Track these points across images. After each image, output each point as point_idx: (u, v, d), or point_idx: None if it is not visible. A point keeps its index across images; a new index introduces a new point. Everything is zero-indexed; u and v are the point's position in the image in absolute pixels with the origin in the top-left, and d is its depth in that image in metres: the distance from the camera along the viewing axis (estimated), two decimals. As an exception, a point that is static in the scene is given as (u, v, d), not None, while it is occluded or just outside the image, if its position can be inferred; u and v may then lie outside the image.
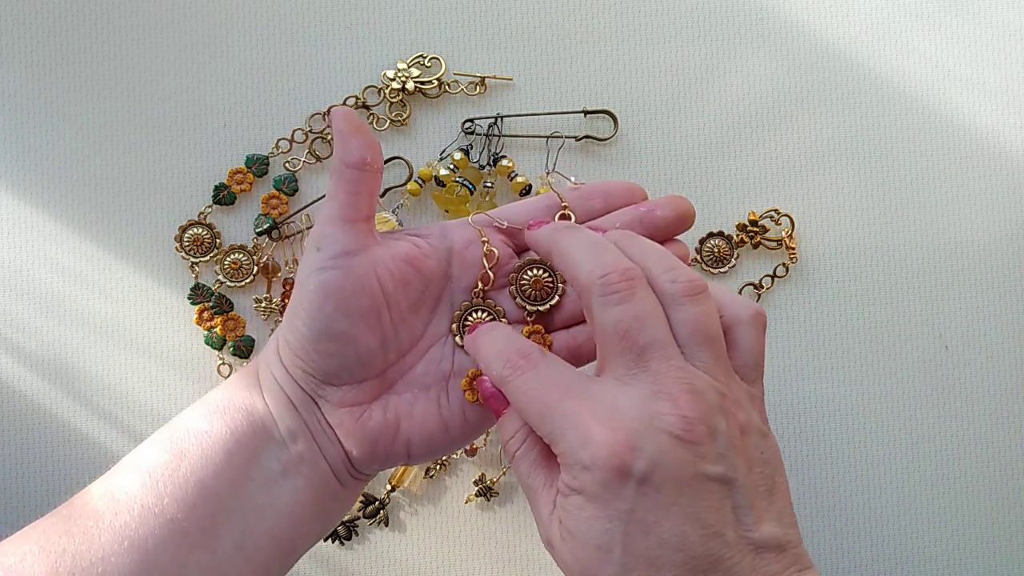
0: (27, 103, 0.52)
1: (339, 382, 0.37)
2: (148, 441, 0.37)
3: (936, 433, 0.52)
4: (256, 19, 0.52)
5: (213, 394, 0.38)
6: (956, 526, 0.52)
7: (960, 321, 0.52)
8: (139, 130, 0.52)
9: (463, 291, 0.39)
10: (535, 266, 0.39)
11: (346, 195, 0.36)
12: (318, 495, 0.37)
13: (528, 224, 0.37)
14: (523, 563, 0.51)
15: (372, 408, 0.37)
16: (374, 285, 0.36)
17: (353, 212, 0.36)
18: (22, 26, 0.52)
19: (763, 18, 0.53)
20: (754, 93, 0.53)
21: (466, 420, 0.38)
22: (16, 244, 0.51)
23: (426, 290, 0.38)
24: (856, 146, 0.52)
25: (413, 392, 0.38)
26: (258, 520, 0.36)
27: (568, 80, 0.52)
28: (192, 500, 0.35)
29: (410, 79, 0.51)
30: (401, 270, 0.37)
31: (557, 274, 0.39)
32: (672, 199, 0.40)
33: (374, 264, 0.36)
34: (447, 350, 0.39)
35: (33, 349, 0.51)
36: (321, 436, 0.37)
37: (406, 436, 0.37)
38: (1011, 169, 0.52)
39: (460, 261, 0.39)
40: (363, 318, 0.36)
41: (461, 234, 0.39)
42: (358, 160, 0.36)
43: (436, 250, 0.39)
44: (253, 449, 0.36)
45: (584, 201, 0.40)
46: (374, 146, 0.37)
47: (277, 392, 0.37)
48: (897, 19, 0.53)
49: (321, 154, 0.52)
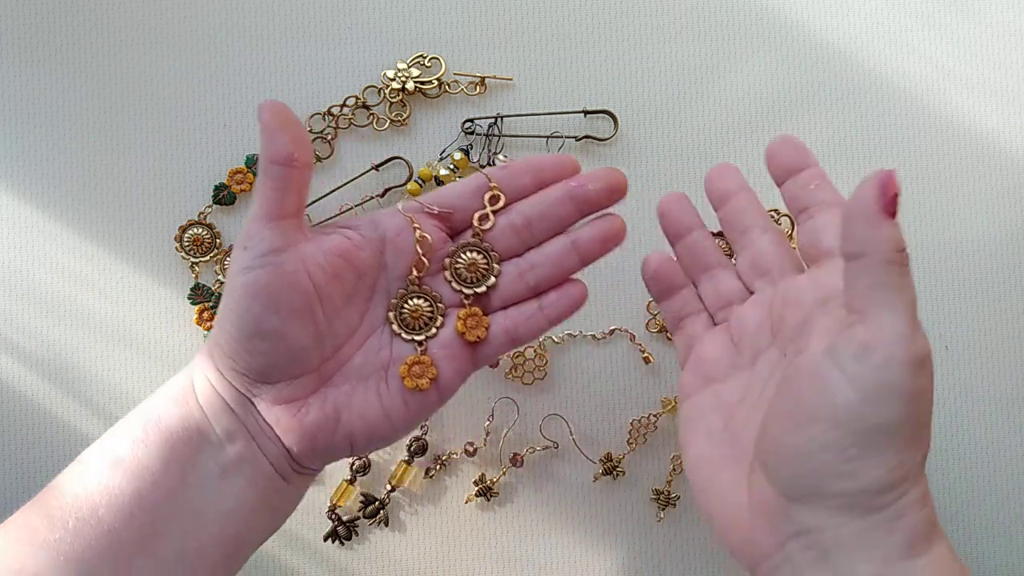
0: (27, 103, 0.52)
1: (273, 380, 0.36)
2: (84, 454, 0.37)
3: (936, 433, 0.52)
4: (256, 19, 0.52)
5: (146, 403, 0.37)
6: (956, 526, 0.52)
7: (960, 321, 0.52)
8: (139, 130, 0.52)
9: (398, 279, 0.39)
10: (469, 249, 0.39)
11: (272, 192, 0.36)
12: (262, 493, 0.37)
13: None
14: (523, 563, 0.51)
15: (309, 403, 0.37)
16: (304, 281, 0.36)
17: (280, 209, 0.36)
18: (22, 26, 0.52)
19: (763, 18, 0.53)
20: (754, 93, 0.53)
21: (407, 407, 0.38)
22: (16, 244, 0.51)
23: (360, 281, 0.38)
24: (856, 146, 0.52)
25: (351, 383, 0.38)
26: (200, 523, 0.35)
27: (568, 80, 0.52)
28: (129, 509, 0.34)
29: (410, 79, 0.51)
30: (333, 264, 0.37)
31: (492, 256, 0.39)
32: (603, 172, 0.40)
33: (303, 260, 0.36)
34: (384, 339, 0.39)
35: (33, 349, 0.51)
36: (259, 435, 0.37)
37: (347, 428, 0.37)
38: (1011, 169, 0.52)
39: (393, 249, 0.39)
40: (294, 315, 0.36)
41: (392, 222, 0.39)
42: (284, 156, 0.35)
43: (368, 240, 0.38)
44: (189, 454, 0.36)
45: (514, 179, 0.40)
46: (302, 140, 0.36)
47: (211, 395, 0.36)
48: (897, 19, 0.53)
49: (321, 154, 0.52)
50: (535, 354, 0.51)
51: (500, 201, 0.39)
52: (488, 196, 0.39)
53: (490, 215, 0.39)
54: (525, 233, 0.40)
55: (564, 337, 0.51)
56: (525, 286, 0.40)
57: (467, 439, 0.51)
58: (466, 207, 0.40)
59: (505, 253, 0.40)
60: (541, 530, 0.51)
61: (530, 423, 0.51)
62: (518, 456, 0.51)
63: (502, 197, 0.40)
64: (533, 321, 0.40)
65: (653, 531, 0.51)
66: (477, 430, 0.51)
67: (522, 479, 0.52)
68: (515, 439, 0.51)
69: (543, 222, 0.40)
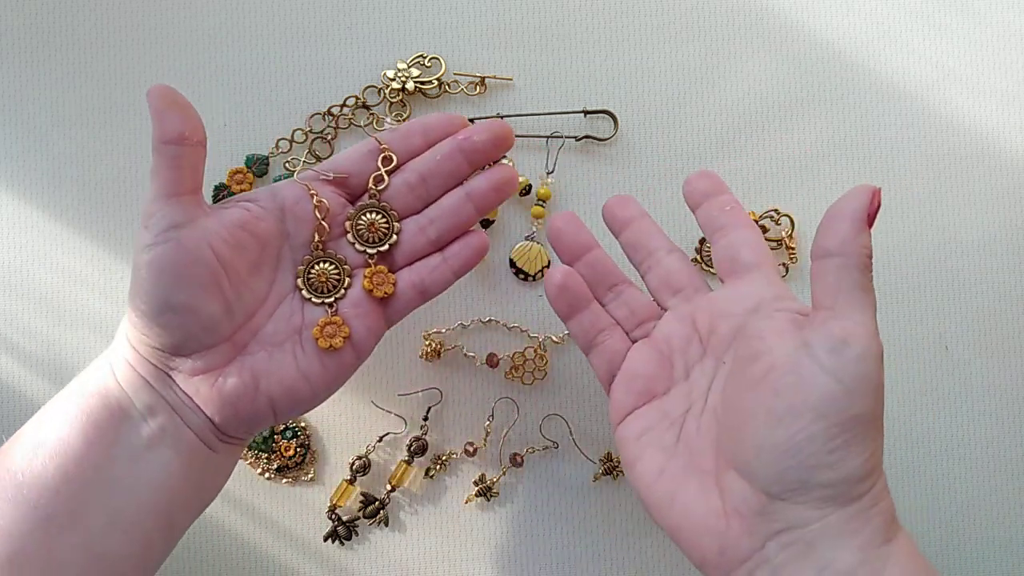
0: (27, 103, 0.52)
1: (187, 352, 0.37)
2: (4, 445, 0.37)
3: (936, 433, 0.52)
4: (256, 19, 0.52)
5: (66, 389, 0.38)
6: (956, 526, 0.52)
7: (960, 321, 0.52)
8: (139, 130, 0.52)
9: (302, 246, 0.40)
10: (368, 211, 0.41)
11: (168, 171, 0.36)
12: (189, 463, 0.37)
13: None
14: (523, 563, 0.51)
15: (227, 372, 0.38)
16: (207, 255, 0.37)
17: (177, 187, 0.37)
18: (22, 26, 0.52)
19: (763, 18, 0.53)
20: (754, 93, 0.53)
21: (324, 368, 0.39)
22: (16, 244, 0.51)
23: (264, 251, 0.39)
24: (856, 146, 0.52)
25: (267, 350, 0.39)
26: (129, 496, 0.36)
27: (568, 80, 0.52)
28: (54, 485, 0.35)
29: (410, 79, 0.51)
30: (234, 236, 0.38)
31: (392, 215, 0.41)
32: (488, 123, 0.42)
33: (205, 234, 0.37)
34: (295, 304, 0.40)
35: (33, 349, 0.51)
36: (180, 407, 0.37)
37: (267, 394, 0.38)
38: (1011, 169, 0.52)
39: (293, 218, 0.40)
40: (201, 287, 0.36)
41: (290, 191, 0.40)
42: (176, 135, 0.36)
43: (267, 211, 0.40)
44: (112, 429, 0.36)
45: (404, 140, 0.42)
46: (192, 119, 0.37)
47: (128, 372, 0.37)
48: (897, 19, 0.53)
49: (321, 154, 0.52)
50: (535, 354, 0.51)
51: (392, 161, 0.41)
52: (381, 158, 0.41)
53: (384, 176, 0.41)
54: (420, 190, 0.41)
55: (564, 337, 0.51)
56: (427, 240, 0.41)
57: (467, 439, 0.51)
58: (361, 171, 0.41)
59: (404, 211, 0.41)
60: (541, 530, 0.51)
61: (530, 423, 0.52)
62: (518, 456, 0.51)
63: (394, 158, 0.41)
64: (439, 272, 0.42)
65: (653, 531, 0.51)
66: (477, 430, 0.51)
67: (522, 479, 0.52)
68: (515, 439, 0.51)
69: (436, 178, 0.41)
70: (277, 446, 0.50)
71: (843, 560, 0.32)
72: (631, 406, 0.40)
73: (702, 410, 0.38)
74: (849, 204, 0.33)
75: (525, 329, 0.51)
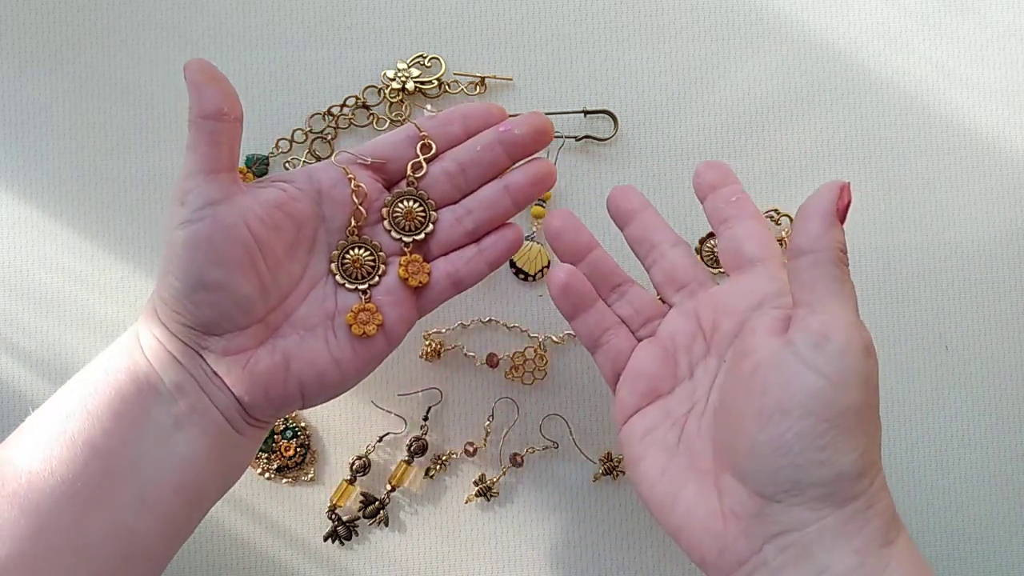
0: (27, 103, 0.52)
1: (220, 331, 0.37)
2: (29, 418, 0.37)
3: (936, 433, 0.52)
4: (256, 20, 0.52)
5: (91, 364, 0.38)
6: (956, 526, 0.52)
7: (961, 321, 0.52)
8: (139, 130, 0.52)
9: (337, 231, 0.40)
10: (406, 198, 0.40)
11: (206, 147, 0.36)
12: (216, 443, 0.37)
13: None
14: (523, 563, 0.51)
15: (259, 353, 0.37)
16: (244, 233, 0.36)
17: (214, 163, 0.36)
18: (22, 26, 0.52)
19: (763, 18, 0.53)
20: (754, 93, 0.52)
21: (356, 355, 0.39)
22: (16, 244, 0.51)
23: (299, 233, 0.39)
24: (856, 146, 0.52)
25: (299, 333, 0.38)
26: (157, 473, 0.36)
27: (568, 80, 0.52)
28: (83, 459, 0.35)
29: (410, 79, 0.51)
30: (271, 216, 0.37)
31: (429, 204, 0.40)
32: (529, 116, 0.41)
33: (242, 212, 0.36)
34: (328, 289, 0.40)
35: (33, 349, 0.51)
36: (209, 386, 0.37)
37: (297, 377, 0.38)
38: (1011, 169, 0.52)
39: (330, 201, 0.40)
40: (237, 266, 0.36)
41: (328, 174, 0.40)
42: (215, 110, 0.36)
43: (304, 193, 0.39)
44: (141, 405, 0.36)
45: (443, 128, 0.41)
46: (231, 94, 0.37)
47: (158, 349, 0.37)
48: (897, 19, 0.53)
49: (321, 154, 0.52)
50: (535, 354, 0.51)
51: (432, 150, 0.41)
52: (420, 145, 0.40)
53: (423, 163, 0.41)
54: (459, 179, 0.41)
55: (564, 337, 0.51)
56: (463, 231, 0.41)
57: (467, 439, 0.51)
58: (399, 157, 0.41)
59: (441, 200, 0.41)
60: (541, 530, 0.51)
61: (530, 423, 0.51)
62: (518, 456, 0.51)
63: (433, 146, 0.41)
64: (473, 264, 0.41)
65: (653, 531, 0.51)
66: (477, 430, 0.51)
67: (522, 479, 0.52)
68: (515, 439, 0.51)
69: (475, 168, 0.41)
70: (277, 446, 0.50)
71: (840, 563, 0.32)
72: (635, 406, 0.40)
73: (703, 410, 0.38)
74: (818, 201, 0.33)
75: (525, 329, 0.51)
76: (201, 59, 0.37)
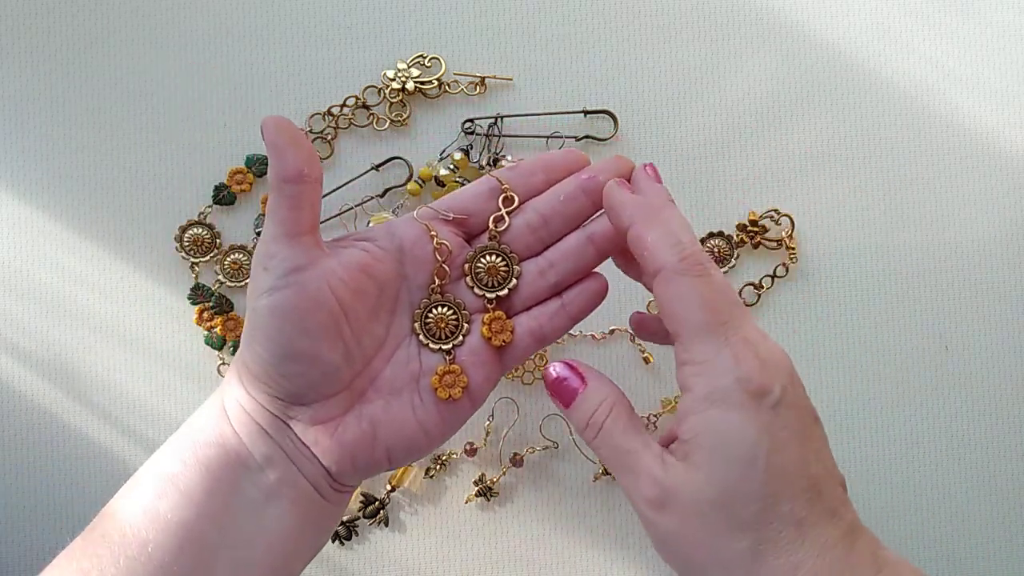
0: (27, 103, 0.52)
1: (308, 401, 0.36)
2: (125, 488, 0.36)
3: (936, 433, 0.52)
4: (256, 19, 0.52)
5: (181, 432, 0.37)
6: (956, 526, 0.52)
7: (960, 321, 0.52)
8: (139, 130, 0.52)
9: (419, 288, 0.39)
10: (488, 253, 0.39)
11: (288, 211, 0.35)
12: (305, 513, 0.36)
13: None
14: (523, 563, 0.51)
15: (346, 421, 0.36)
16: (329, 299, 0.35)
17: (297, 227, 0.35)
18: (22, 26, 0.52)
19: (763, 18, 0.53)
20: (754, 93, 0.53)
21: (442, 419, 0.38)
22: (16, 244, 0.51)
23: (382, 294, 0.38)
24: (856, 146, 0.52)
25: (385, 398, 0.37)
26: (249, 550, 0.35)
27: (568, 80, 0.52)
28: (178, 543, 0.34)
29: (410, 79, 0.51)
30: (354, 279, 0.36)
31: (512, 258, 0.39)
32: (611, 161, 0.39)
33: (326, 277, 0.35)
34: (412, 350, 0.39)
35: (33, 349, 0.51)
36: (297, 456, 0.36)
37: (384, 443, 0.37)
38: (1011, 169, 0.52)
39: (412, 259, 0.38)
40: (323, 334, 0.35)
41: (409, 231, 0.39)
42: (295, 173, 0.35)
43: (387, 252, 0.38)
44: (231, 481, 0.35)
45: (525, 179, 0.40)
46: (310, 155, 0.36)
47: (245, 420, 0.36)
48: (897, 19, 0.53)
49: (321, 154, 0.52)
50: (535, 354, 0.51)
51: (514, 202, 0.39)
52: (501, 198, 0.39)
53: (505, 216, 0.39)
54: (542, 231, 0.39)
55: (564, 337, 0.51)
56: (546, 284, 0.39)
57: (467, 439, 0.51)
58: (481, 210, 0.39)
59: (523, 253, 0.39)
60: (541, 530, 0.51)
61: (530, 423, 0.51)
62: (518, 456, 0.51)
63: (515, 198, 0.39)
64: (557, 319, 0.39)
65: (653, 531, 0.51)
66: (477, 430, 0.51)
67: (522, 479, 0.52)
68: (515, 439, 0.51)
69: (558, 218, 0.39)
70: (277, 446, 0.50)
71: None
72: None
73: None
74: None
75: (525, 329, 0.51)
76: (279, 118, 0.35)
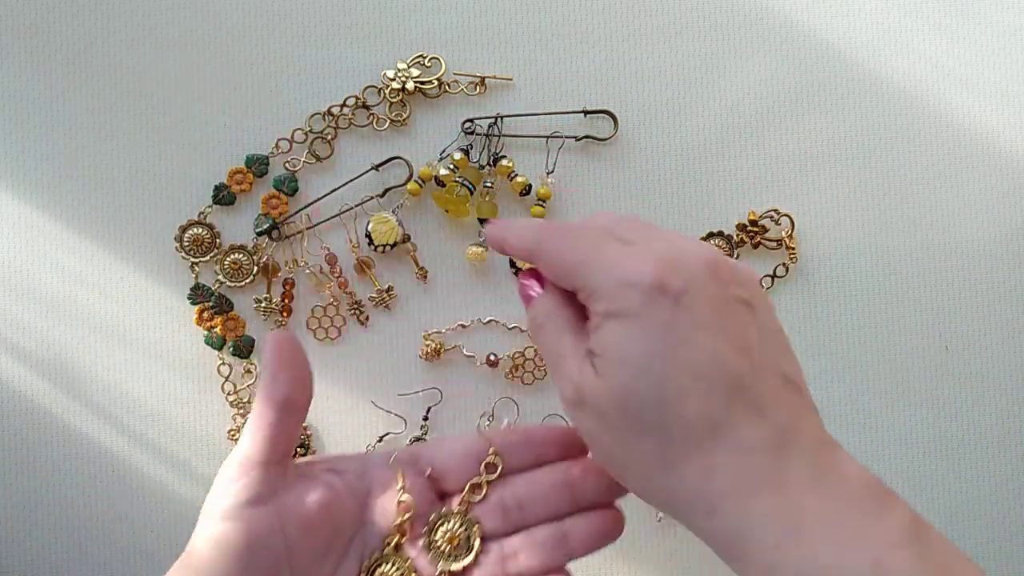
0: (27, 103, 0.52)
1: None
2: None
3: (936, 433, 0.52)
4: (256, 19, 0.52)
5: None
6: (956, 526, 0.52)
7: (960, 321, 0.52)
8: (139, 130, 0.52)
9: (377, 536, 0.36)
10: (452, 519, 0.37)
11: (265, 433, 0.34)
12: None
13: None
14: (523, 563, 0.51)
15: None
16: (276, 541, 0.34)
17: (269, 454, 0.34)
18: (22, 26, 0.52)
19: (763, 18, 0.53)
20: (754, 93, 0.52)
21: None
22: (16, 244, 0.51)
23: (336, 537, 0.36)
24: (856, 146, 0.52)
25: None
26: None
27: (568, 80, 0.52)
28: None
29: (410, 79, 0.51)
30: (311, 519, 0.35)
31: (474, 532, 0.36)
32: (604, 473, 0.37)
33: (280, 515, 0.34)
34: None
35: (33, 349, 0.51)
36: None
37: None
38: (1011, 169, 0.52)
39: (378, 507, 0.36)
40: (257, 573, 0.34)
41: (382, 476, 0.37)
42: (282, 399, 0.34)
43: (352, 492, 0.36)
44: None
45: (515, 448, 0.37)
46: (303, 381, 0.34)
47: None
48: (897, 19, 0.53)
49: (321, 154, 0.52)
50: (535, 354, 0.51)
51: (496, 472, 0.37)
52: (484, 464, 0.37)
53: (484, 485, 0.37)
54: (514, 515, 0.37)
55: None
56: (504, 575, 0.36)
57: (467, 439, 0.51)
58: (461, 470, 0.37)
59: (489, 532, 0.37)
60: (541, 530, 0.51)
61: (530, 423, 0.51)
62: (518, 456, 0.51)
63: (500, 467, 0.37)
64: None
65: (653, 530, 0.51)
66: (477, 430, 0.51)
67: (522, 479, 0.51)
68: (515, 439, 0.51)
69: (535, 507, 0.37)
70: (277, 446, 0.50)
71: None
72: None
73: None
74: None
75: (525, 329, 0.51)
76: (283, 334, 0.34)
